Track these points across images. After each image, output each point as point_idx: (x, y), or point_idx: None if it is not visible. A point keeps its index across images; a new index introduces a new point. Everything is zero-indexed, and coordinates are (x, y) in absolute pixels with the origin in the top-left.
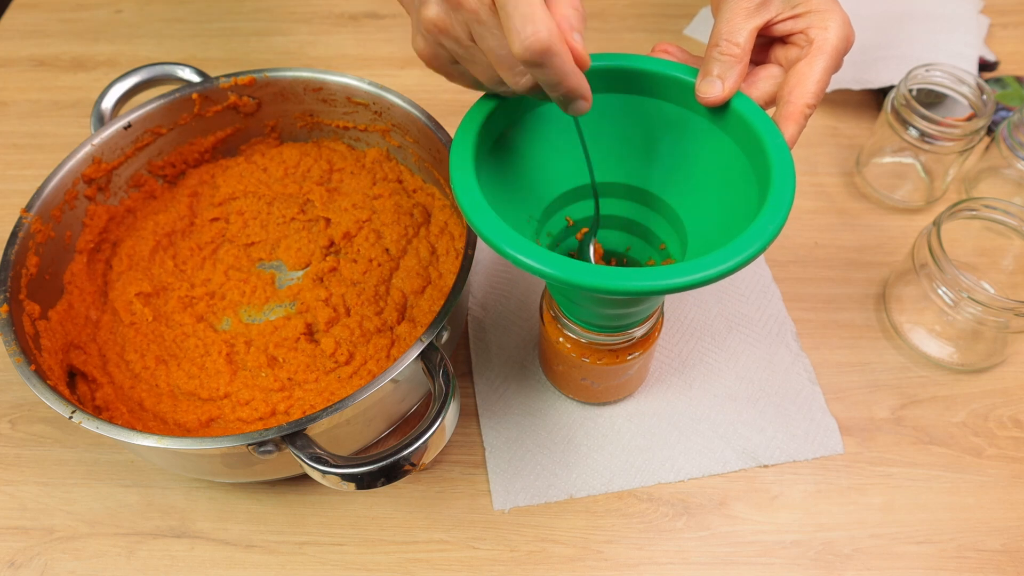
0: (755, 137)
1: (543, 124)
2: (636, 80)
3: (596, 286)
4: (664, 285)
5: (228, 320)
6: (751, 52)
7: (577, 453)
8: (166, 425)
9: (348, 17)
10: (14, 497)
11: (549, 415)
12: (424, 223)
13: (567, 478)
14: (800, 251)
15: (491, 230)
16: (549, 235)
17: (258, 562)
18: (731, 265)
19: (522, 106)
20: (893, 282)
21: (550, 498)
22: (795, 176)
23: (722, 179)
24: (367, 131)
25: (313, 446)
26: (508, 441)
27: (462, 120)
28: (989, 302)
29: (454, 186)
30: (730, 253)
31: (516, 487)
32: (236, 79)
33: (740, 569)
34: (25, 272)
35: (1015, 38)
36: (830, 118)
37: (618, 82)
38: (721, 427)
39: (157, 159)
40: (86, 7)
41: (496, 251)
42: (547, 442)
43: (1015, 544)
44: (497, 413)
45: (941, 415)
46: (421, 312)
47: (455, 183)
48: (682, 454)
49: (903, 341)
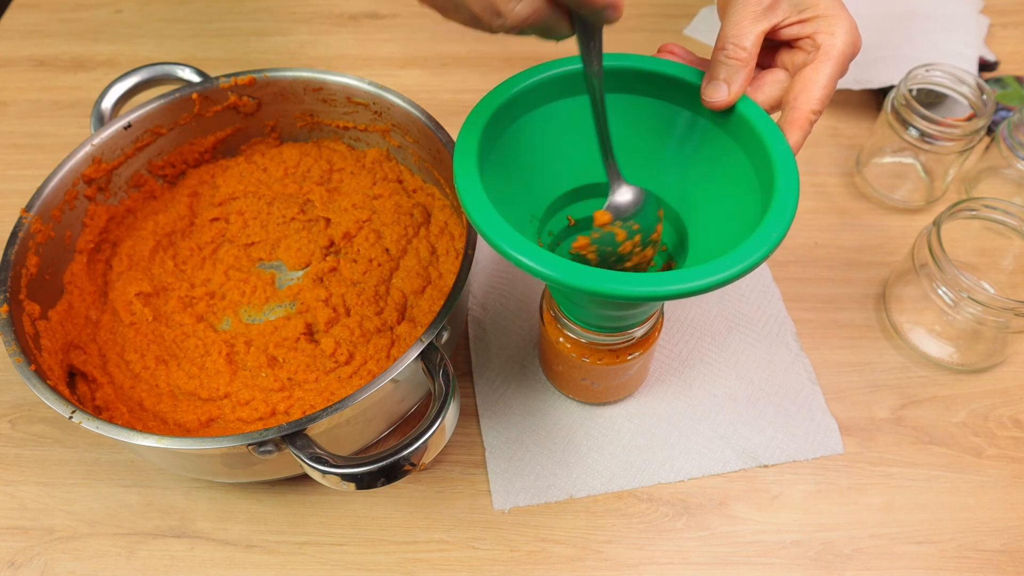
0: (759, 142)
1: (546, 123)
2: (640, 81)
3: (596, 290)
4: (665, 291)
5: (228, 320)
6: (757, 56)
7: (577, 453)
8: (166, 425)
9: (348, 17)
10: (14, 497)
11: (549, 415)
12: (424, 223)
13: (567, 478)
14: (800, 251)
15: (494, 230)
16: (551, 234)
17: (258, 562)
18: (733, 273)
19: (526, 105)
20: (893, 282)
21: (550, 498)
22: (799, 183)
23: (725, 183)
24: (367, 131)
25: (313, 446)
26: (508, 441)
27: (466, 119)
28: (989, 302)
29: (458, 185)
30: (732, 261)
31: (516, 487)
32: (236, 79)
33: (740, 569)
34: (25, 272)
35: (1015, 38)
36: (830, 118)
37: (622, 82)
38: (721, 427)
39: (157, 159)
40: (86, 7)
41: (498, 252)
42: (547, 442)
43: (1015, 544)
44: (497, 413)
45: (941, 415)
46: (421, 312)
47: (458, 182)
48: (682, 454)
49: (903, 341)
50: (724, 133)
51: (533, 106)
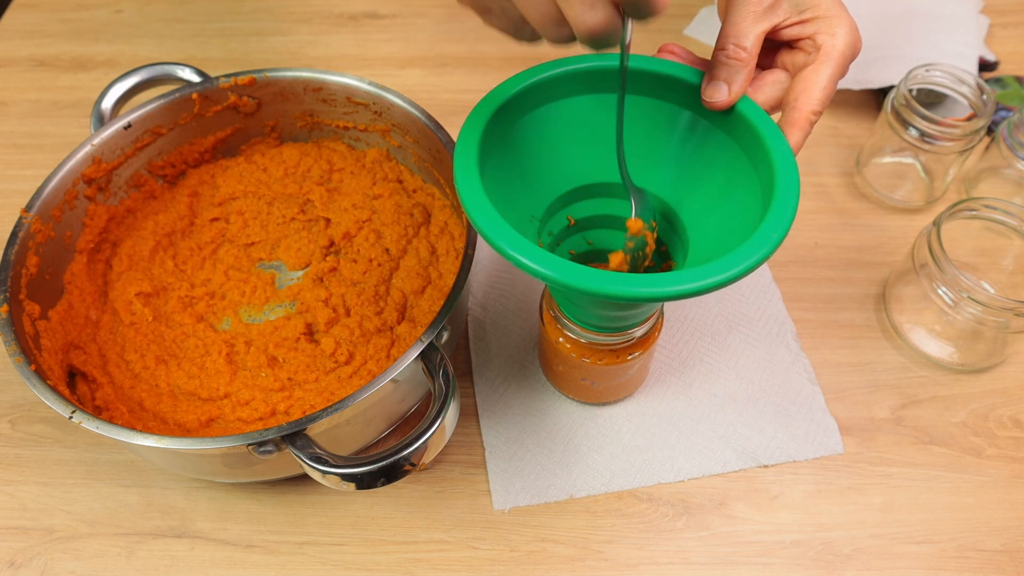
0: (760, 142)
1: (546, 124)
2: (641, 80)
3: (596, 290)
4: (665, 292)
5: (228, 320)
6: (757, 56)
7: (577, 453)
8: (166, 425)
9: (348, 17)
10: (14, 497)
11: (549, 415)
12: (424, 223)
13: (567, 478)
14: (800, 251)
15: (493, 231)
16: (550, 234)
17: (258, 562)
18: (734, 273)
19: (526, 105)
20: (893, 282)
21: (550, 498)
22: (799, 184)
23: (726, 183)
24: (367, 131)
25: (313, 446)
26: (508, 441)
27: (466, 119)
28: (989, 302)
29: (458, 185)
30: (733, 261)
31: (516, 487)
32: (236, 79)
33: (740, 569)
34: (25, 272)
35: (1015, 38)
36: (830, 118)
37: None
38: (721, 427)
39: (157, 159)
40: (86, 7)
41: (498, 252)
42: (547, 442)
43: (1015, 544)
44: (497, 413)
45: (941, 415)
46: (421, 312)
47: (459, 183)
48: (682, 454)
49: (903, 341)
50: (724, 133)
51: (534, 106)
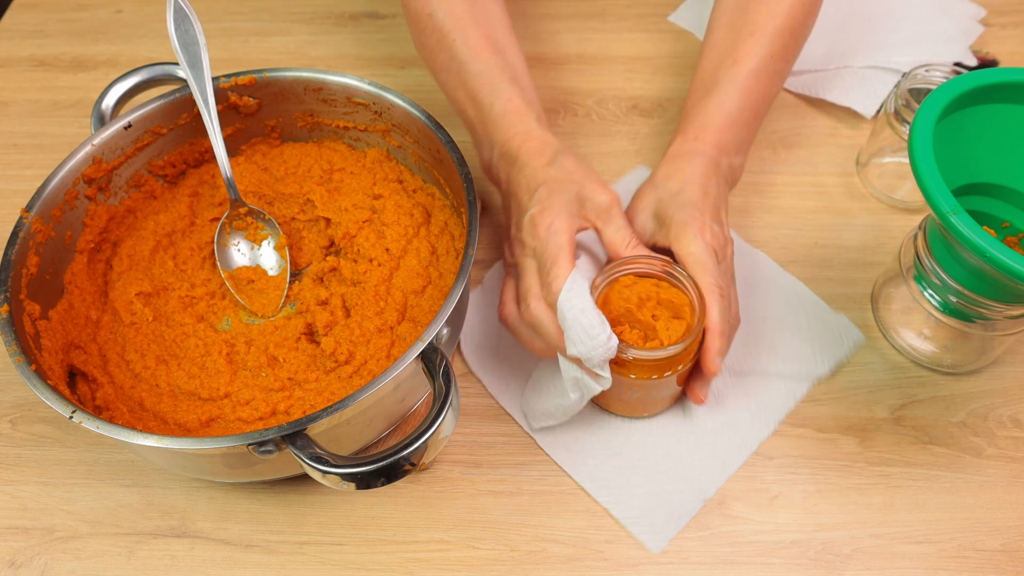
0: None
1: (985, 118)
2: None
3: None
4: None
5: (228, 320)
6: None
7: (669, 462)
8: (166, 425)
9: (348, 17)
10: (14, 497)
11: (599, 433)
12: (424, 223)
13: (685, 488)
14: (800, 251)
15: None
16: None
17: (258, 562)
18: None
19: (976, 97)
20: (882, 283)
21: (685, 515)
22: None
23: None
24: (367, 131)
25: (313, 446)
26: (613, 483)
27: (931, 93)
28: (974, 305)
29: (913, 154)
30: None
31: (657, 523)
32: (236, 79)
33: (740, 569)
34: (25, 272)
35: (1015, 38)
36: (830, 118)
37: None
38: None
39: (157, 159)
40: (86, 7)
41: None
42: (641, 466)
43: (1015, 544)
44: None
45: (941, 415)
46: (421, 312)
47: (916, 152)
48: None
49: (902, 341)
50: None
51: (982, 100)
